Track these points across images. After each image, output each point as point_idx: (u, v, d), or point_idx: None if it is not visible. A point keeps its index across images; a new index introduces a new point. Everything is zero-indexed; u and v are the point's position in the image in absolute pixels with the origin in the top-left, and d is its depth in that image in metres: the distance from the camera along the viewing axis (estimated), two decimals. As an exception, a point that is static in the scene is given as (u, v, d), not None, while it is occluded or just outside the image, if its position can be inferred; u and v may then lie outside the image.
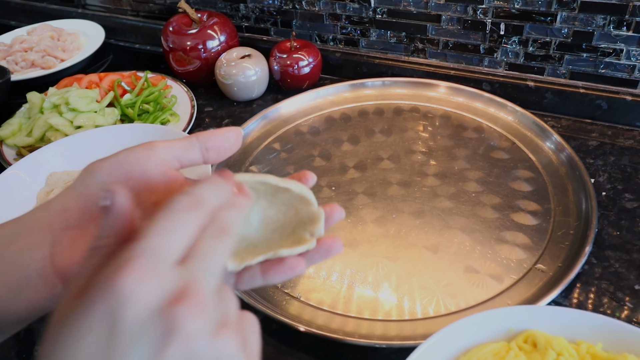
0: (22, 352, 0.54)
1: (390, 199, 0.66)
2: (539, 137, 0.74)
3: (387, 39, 0.88)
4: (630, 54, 0.73)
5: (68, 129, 0.75)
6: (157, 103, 0.83)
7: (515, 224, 0.62)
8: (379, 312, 0.54)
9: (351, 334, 0.51)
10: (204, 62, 0.90)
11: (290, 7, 0.92)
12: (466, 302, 0.54)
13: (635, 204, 0.64)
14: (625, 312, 0.52)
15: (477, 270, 0.57)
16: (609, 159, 0.71)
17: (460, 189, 0.67)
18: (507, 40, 0.79)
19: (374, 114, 0.82)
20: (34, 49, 1.00)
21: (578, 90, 0.77)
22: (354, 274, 0.58)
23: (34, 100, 0.80)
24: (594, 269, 0.57)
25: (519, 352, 0.41)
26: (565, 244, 0.58)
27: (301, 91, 0.86)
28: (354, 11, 0.87)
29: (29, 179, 0.65)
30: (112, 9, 1.12)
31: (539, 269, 0.56)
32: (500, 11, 0.77)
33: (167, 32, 0.91)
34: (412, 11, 0.83)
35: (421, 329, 0.52)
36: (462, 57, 0.84)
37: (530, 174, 0.68)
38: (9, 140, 0.78)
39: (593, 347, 0.41)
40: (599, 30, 0.73)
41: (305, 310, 0.54)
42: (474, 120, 0.79)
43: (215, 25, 0.90)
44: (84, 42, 1.06)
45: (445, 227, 0.62)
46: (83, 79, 0.85)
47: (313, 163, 0.73)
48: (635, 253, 0.58)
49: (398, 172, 0.71)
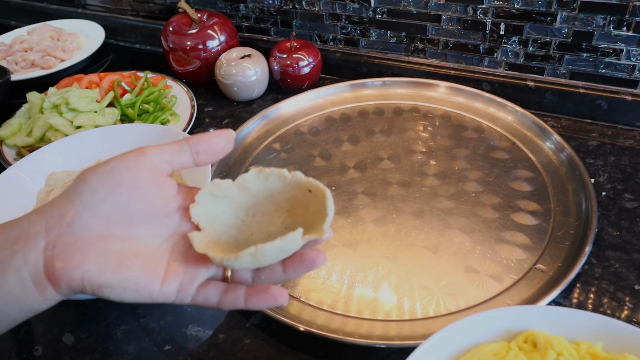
0: (22, 352, 0.54)
1: (390, 199, 0.66)
2: (539, 137, 0.74)
3: (387, 39, 0.88)
4: (630, 54, 0.73)
5: (68, 129, 0.75)
6: (157, 103, 0.83)
7: (515, 224, 0.62)
8: (379, 312, 0.54)
9: (351, 334, 0.51)
10: (204, 62, 0.90)
11: (290, 7, 0.92)
12: (466, 302, 0.54)
13: (635, 204, 0.64)
14: (625, 312, 0.52)
15: (477, 270, 0.57)
16: (609, 159, 0.71)
17: (460, 189, 0.67)
18: (507, 40, 0.79)
19: (374, 114, 0.82)
20: (34, 49, 1.00)
21: (578, 90, 0.77)
22: (354, 274, 0.58)
23: (34, 100, 0.80)
24: (594, 269, 0.57)
25: (519, 352, 0.41)
26: (565, 244, 0.58)
27: (301, 91, 0.86)
28: (354, 11, 0.87)
29: (29, 179, 0.65)
30: (112, 9, 1.12)
31: (539, 269, 0.56)
32: (500, 11, 0.77)
33: (167, 32, 0.91)
34: (412, 11, 0.83)
35: (421, 329, 0.52)
36: (462, 57, 0.84)
37: (530, 174, 0.68)
38: (9, 140, 0.78)
39: (593, 347, 0.41)
40: (599, 30, 0.73)
41: (305, 310, 0.54)
42: (474, 120, 0.79)
43: (215, 25, 0.90)
44: (84, 42, 1.06)
45: (445, 227, 0.62)
46: (83, 79, 0.85)
47: (313, 163, 0.73)
48: (635, 253, 0.58)
49: (398, 172, 0.71)
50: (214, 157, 0.35)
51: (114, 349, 0.53)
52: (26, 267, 0.30)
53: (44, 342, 0.55)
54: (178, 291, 0.33)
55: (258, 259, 0.32)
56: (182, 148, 0.34)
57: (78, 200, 0.31)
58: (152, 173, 0.32)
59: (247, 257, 0.32)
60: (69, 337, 0.55)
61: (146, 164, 0.32)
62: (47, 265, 0.30)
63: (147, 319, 0.56)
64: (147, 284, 0.32)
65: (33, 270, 0.30)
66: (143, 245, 0.33)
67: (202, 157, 0.34)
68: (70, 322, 0.56)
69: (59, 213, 0.31)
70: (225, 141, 0.35)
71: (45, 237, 0.30)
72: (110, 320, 0.56)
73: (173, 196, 0.35)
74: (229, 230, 0.36)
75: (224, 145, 0.35)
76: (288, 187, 0.36)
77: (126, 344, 0.53)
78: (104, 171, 0.31)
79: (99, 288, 0.31)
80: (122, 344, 0.53)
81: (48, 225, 0.31)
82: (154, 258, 0.33)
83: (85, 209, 0.31)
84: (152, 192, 0.33)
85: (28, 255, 0.30)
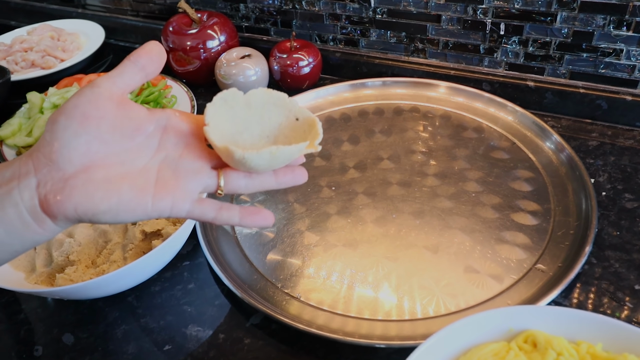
0: (22, 352, 0.54)
1: (390, 199, 0.66)
2: (539, 137, 0.74)
3: (387, 39, 0.88)
4: (630, 54, 0.73)
5: (68, 129, 0.75)
6: (157, 103, 0.83)
7: (515, 224, 0.62)
8: (379, 312, 0.54)
9: (351, 334, 0.51)
10: (204, 62, 0.90)
11: (290, 7, 0.92)
12: (466, 302, 0.54)
13: (635, 204, 0.64)
14: (625, 312, 0.52)
15: (477, 270, 0.57)
16: (609, 159, 0.71)
17: (460, 189, 0.67)
18: (507, 40, 0.79)
19: (374, 114, 0.82)
20: (34, 49, 1.00)
21: (578, 90, 0.77)
22: (354, 274, 0.58)
23: (34, 100, 0.80)
24: (594, 269, 0.57)
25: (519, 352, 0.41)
26: (565, 244, 0.58)
27: (301, 91, 0.86)
28: (354, 11, 0.87)
29: (29, 179, 0.65)
30: (112, 9, 1.12)
31: (539, 269, 0.56)
32: (500, 11, 0.77)
33: (167, 32, 0.91)
34: (412, 11, 0.83)
35: (421, 329, 0.52)
36: (462, 57, 0.84)
37: (530, 174, 0.68)
38: (9, 140, 0.78)
39: (593, 347, 0.41)
40: (599, 30, 0.73)
41: (305, 310, 0.54)
42: (474, 120, 0.79)
43: (215, 25, 0.90)
44: (84, 42, 1.06)
45: (445, 227, 0.62)
46: (83, 79, 0.86)
47: (313, 163, 0.73)
48: (635, 253, 0.58)
49: (398, 172, 0.71)
50: (157, 64, 0.37)
51: (114, 349, 0.53)
52: (23, 202, 0.33)
53: (44, 342, 0.55)
54: (172, 206, 0.36)
55: (274, 158, 0.36)
56: (127, 66, 0.36)
57: (54, 139, 0.33)
58: (112, 99, 0.35)
59: (267, 155, 0.35)
60: (69, 337, 0.55)
61: (103, 92, 0.34)
62: (42, 201, 0.33)
63: (147, 319, 0.56)
64: (139, 204, 0.35)
65: (30, 206, 0.33)
66: (127, 168, 0.35)
67: (149, 67, 0.36)
68: (70, 322, 0.56)
69: (42, 154, 0.33)
70: (158, 46, 0.37)
71: (35, 176, 0.33)
72: (110, 320, 0.56)
73: (145, 117, 0.37)
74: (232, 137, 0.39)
75: (159, 49, 0.37)
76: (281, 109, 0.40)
77: (126, 344, 0.53)
78: (68, 108, 0.34)
79: (93, 215, 0.34)
80: (122, 344, 0.53)
81: (36, 165, 0.33)
82: (141, 177, 0.35)
83: (63, 145, 0.33)
84: (119, 116, 0.35)
85: (23, 193, 0.33)
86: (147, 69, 0.36)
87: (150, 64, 0.36)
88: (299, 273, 0.58)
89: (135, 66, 0.36)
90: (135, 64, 0.36)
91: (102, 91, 0.34)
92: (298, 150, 0.37)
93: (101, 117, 0.34)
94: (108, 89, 0.35)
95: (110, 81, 0.35)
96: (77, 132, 0.33)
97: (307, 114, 0.40)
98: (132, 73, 0.36)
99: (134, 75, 0.36)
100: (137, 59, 0.36)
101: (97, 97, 0.34)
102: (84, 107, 0.34)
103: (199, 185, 0.37)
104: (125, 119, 0.35)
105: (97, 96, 0.34)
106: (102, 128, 0.34)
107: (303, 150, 0.37)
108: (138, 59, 0.36)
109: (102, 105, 0.34)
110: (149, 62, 0.36)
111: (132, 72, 0.36)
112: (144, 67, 0.36)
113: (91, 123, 0.34)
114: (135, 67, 0.36)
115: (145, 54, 0.36)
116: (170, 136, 0.37)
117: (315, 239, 0.62)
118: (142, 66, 0.36)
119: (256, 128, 0.39)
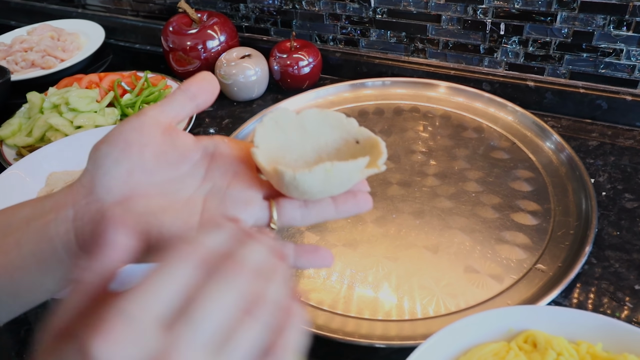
0: (22, 352, 0.54)
1: (390, 199, 0.66)
2: (539, 137, 0.74)
3: (387, 39, 0.88)
4: (630, 54, 0.73)
5: (68, 129, 0.75)
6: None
7: (515, 224, 0.62)
8: (379, 312, 0.54)
9: (351, 334, 0.51)
10: (204, 62, 0.90)
11: (290, 7, 0.92)
12: (466, 302, 0.54)
13: (635, 204, 0.64)
14: (625, 312, 0.52)
15: (477, 270, 0.57)
16: (609, 159, 0.71)
17: (460, 189, 0.67)
18: (507, 40, 0.79)
19: (374, 114, 0.82)
20: (34, 49, 1.00)
21: (578, 90, 0.77)
22: (354, 274, 0.58)
23: (34, 100, 0.80)
24: (594, 269, 0.57)
25: (519, 352, 0.41)
26: (565, 244, 0.58)
27: (301, 91, 0.85)
28: (354, 11, 0.87)
29: (29, 179, 0.65)
30: (112, 9, 1.12)
31: (539, 269, 0.56)
32: (500, 11, 0.77)
33: (167, 32, 0.91)
34: (412, 11, 0.83)
35: (421, 329, 0.52)
36: (462, 57, 0.84)
37: (530, 174, 0.68)
38: (9, 140, 0.78)
39: (593, 347, 0.41)
40: (599, 30, 0.73)
41: (305, 310, 0.54)
42: (474, 120, 0.79)
43: (215, 25, 0.90)
44: (84, 42, 1.06)
45: (445, 227, 0.62)
46: (83, 79, 0.86)
47: (313, 163, 0.73)
48: (635, 253, 0.58)
49: (398, 172, 0.71)
50: (210, 94, 0.35)
51: (114, 349, 0.53)
52: (58, 237, 0.31)
53: (44, 342, 0.55)
54: None
55: (329, 178, 0.31)
56: (177, 95, 0.34)
57: (94, 168, 0.32)
58: (158, 127, 0.33)
59: (321, 173, 0.31)
60: (69, 337, 0.55)
61: (149, 120, 0.33)
62: (78, 235, 0.31)
63: (147, 319, 0.55)
64: None
65: (65, 241, 0.31)
66: (170, 199, 0.33)
67: (200, 97, 0.35)
68: (70, 322, 0.56)
69: (81, 184, 0.32)
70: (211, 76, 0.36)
71: (72, 207, 0.31)
72: (110, 320, 0.56)
73: (191, 144, 0.35)
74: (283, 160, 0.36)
75: (212, 79, 0.36)
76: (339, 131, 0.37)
77: (126, 344, 0.53)
78: (111, 136, 0.32)
79: None
80: (122, 344, 0.53)
81: (74, 197, 0.32)
82: (185, 209, 0.32)
83: (103, 173, 0.31)
84: (164, 143, 0.33)
85: (59, 227, 0.31)
86: (198, 99, 0.34)
87: (201, 93, 0.34)
88: (298, 273, 0.58)
89: (185, 95, 0.34)
90: (186, 93, 0.34)
91: (148, 119, 0.33)
92: (357, 168, 0.32)
93: (145, 144, 0.32)
94: (155, 117, 0.33)
95: (158, 109, 0.33)
96: (118, 159, 0.31)
97: (367, 135, 0.36)
98: (182, 102, 0.34)
99: (184, 104, 0.34)
100: (188, 87, 0.34)
101: (142, 124, 0.32)
102: (127, 135, 0.32)
103: (249, 217, 0.33)
104: (171, 147, 0.33)
105: (142, 124, 0.32)
106: (146, 156, 0.32)
107: (363, 170, 0.33)
108: (188, 88, 0.34)
109: (147, 133, 0.32)
110: (199, 91, 0.34)
111: (182, 101, 0.34)
112: (195, 97, 0.34)
113: (133, 150, 0.31)
114: (185, 96, 0.34)
115: (196, 83, 0.34)
116: (218, 164, 0.35)
117: (315, 238, 0.62)
118: (192, 95, 0.34)
119: (311, 153, 0.36)
